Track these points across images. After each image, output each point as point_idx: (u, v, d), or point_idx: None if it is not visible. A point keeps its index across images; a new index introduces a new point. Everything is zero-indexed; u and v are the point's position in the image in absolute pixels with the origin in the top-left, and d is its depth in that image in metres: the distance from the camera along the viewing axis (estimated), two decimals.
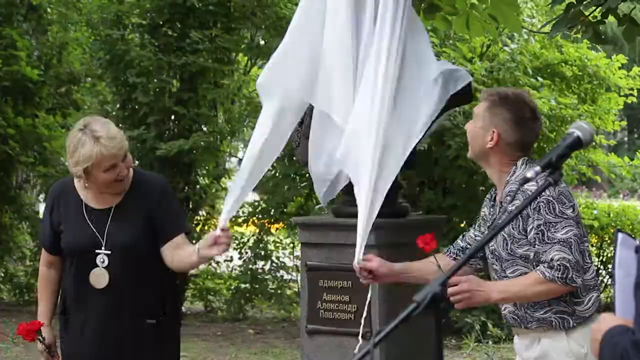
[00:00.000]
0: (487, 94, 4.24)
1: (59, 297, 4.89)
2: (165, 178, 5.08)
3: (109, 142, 4.52)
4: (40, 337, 4.70)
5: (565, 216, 3.96)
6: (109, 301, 4.67)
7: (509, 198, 4.01)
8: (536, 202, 3.93)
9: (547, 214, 3.95)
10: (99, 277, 4.66)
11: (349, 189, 5.03)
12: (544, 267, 3.93)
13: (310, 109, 4.84)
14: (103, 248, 4.65)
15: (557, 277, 3.90)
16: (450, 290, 3.89)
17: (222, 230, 4.40)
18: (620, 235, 2.73)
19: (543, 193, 3.74)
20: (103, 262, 4.65)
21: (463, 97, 5.18)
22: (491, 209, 4.25)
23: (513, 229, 4.03)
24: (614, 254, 2.74)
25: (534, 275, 3.97)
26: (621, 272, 2.71)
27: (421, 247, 4.09)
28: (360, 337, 4.52)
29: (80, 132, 4.56)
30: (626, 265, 2.69)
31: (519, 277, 4.03)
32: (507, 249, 4.08)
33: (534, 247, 3.99)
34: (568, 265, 3.91)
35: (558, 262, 3.91)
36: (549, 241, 3.94)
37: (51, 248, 4.84)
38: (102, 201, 4.71)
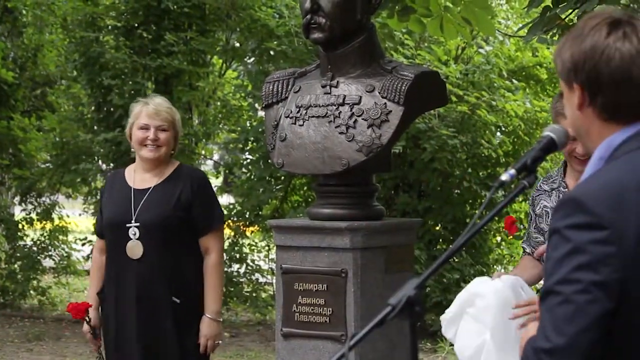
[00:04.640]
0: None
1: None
2: (203, 172, 5.71)
3: (151, 105, 5.20)
4: (87, 318, 5.19)
5: None
6: (144, 271, 5.09)
7: None
8: None
9: None
10: (134, 249, 5.10)
11: (323, 192, 5.13)
12: None
13: (283, 112, 4.83)
14: (133, 221, 5.11)
15: None
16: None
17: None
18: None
19: None
20: (135, 234, 5.11)
21: (438, 100, 5.17)
22: (557, 198, 4.28)
23: None
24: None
25: None
26: None
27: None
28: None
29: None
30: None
31: None
32: None
33: None
34: None
35: None
36: None
37: (100, 231, 5.40)
38: (144, 183, 5.22)
